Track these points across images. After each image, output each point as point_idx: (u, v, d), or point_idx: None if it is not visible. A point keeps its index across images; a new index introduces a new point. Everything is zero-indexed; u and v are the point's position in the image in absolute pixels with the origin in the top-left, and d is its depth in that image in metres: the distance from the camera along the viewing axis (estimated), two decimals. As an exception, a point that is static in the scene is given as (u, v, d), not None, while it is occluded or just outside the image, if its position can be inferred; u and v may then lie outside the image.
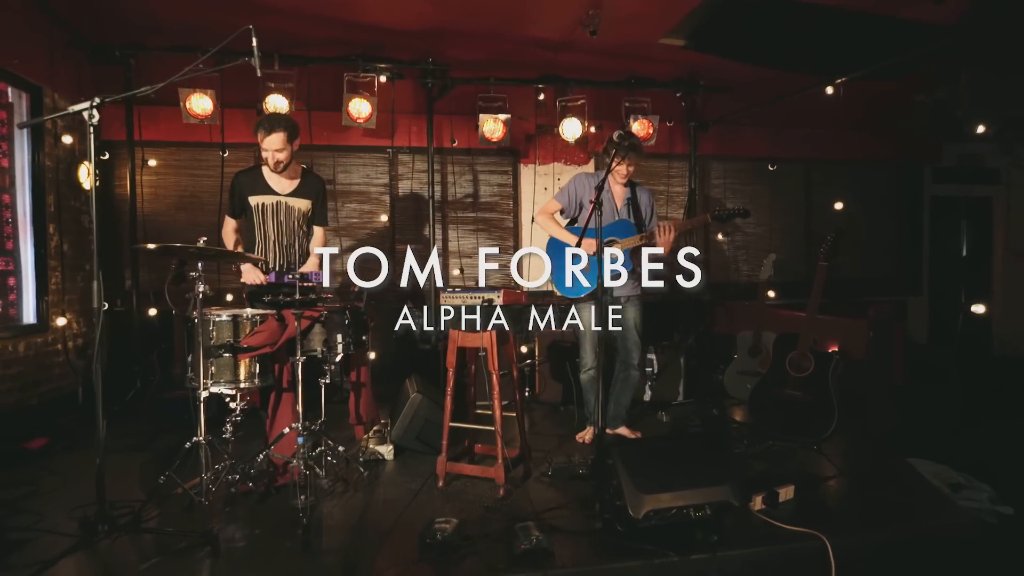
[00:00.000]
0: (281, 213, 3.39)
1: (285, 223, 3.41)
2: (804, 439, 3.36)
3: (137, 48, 4.54)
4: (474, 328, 2.81)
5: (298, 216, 3.44)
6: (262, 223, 3.37)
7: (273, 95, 4.60)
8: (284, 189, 3.39)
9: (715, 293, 5.86)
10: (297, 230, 3.46)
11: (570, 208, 3.57)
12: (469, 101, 5.08)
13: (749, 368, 4.23)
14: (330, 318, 3.00)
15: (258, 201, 3.35)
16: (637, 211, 3.51)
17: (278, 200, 3.37)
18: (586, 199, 3.49)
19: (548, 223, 3.55)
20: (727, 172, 5.87)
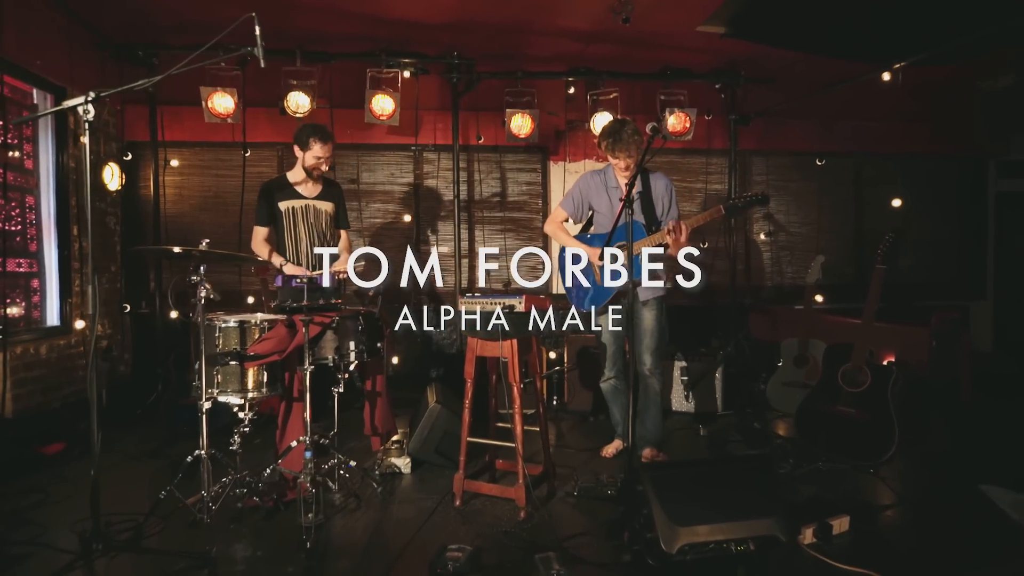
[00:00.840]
0: (311, 215, 3.41)
1: (315, 225, 3.43)
2: (859, 461, 3.04)
3: (160, 47, 4.48)
4: (494, 336, 2.60)
5: (325, 218, 3.46)
6: (293, 227, 3.38)
7: (294, 92, 4.48)
8: (311, 193, 3.43)
9: (755, 296, 5.53)
10: (325, 231, 3.48)
11: (577, 213, 3.30)
12: (496, 96, 4.88)
13: (795, 379, 3.92)
14: (342, 324, 2.84)
15: (288, 205, 3.36)
16: (649, 206, 3.16)
17: (307, 203, 3.39)
18: (595, 200, 3.25)
19: (557, 233, 3.32)
20: (770, 168, 5.53)
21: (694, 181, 5.46)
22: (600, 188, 3.21)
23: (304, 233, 3.41)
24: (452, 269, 5.03)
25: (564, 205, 3.30)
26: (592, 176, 3.26)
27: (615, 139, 3.02)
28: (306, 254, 3.41)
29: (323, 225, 3.47)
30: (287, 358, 2.79)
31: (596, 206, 3.25)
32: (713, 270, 5.33)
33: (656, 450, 3.27)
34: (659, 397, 3.25)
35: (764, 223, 5.56)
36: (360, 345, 2.88)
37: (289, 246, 3.40)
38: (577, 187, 3.27)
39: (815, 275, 4.01)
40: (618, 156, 3.05)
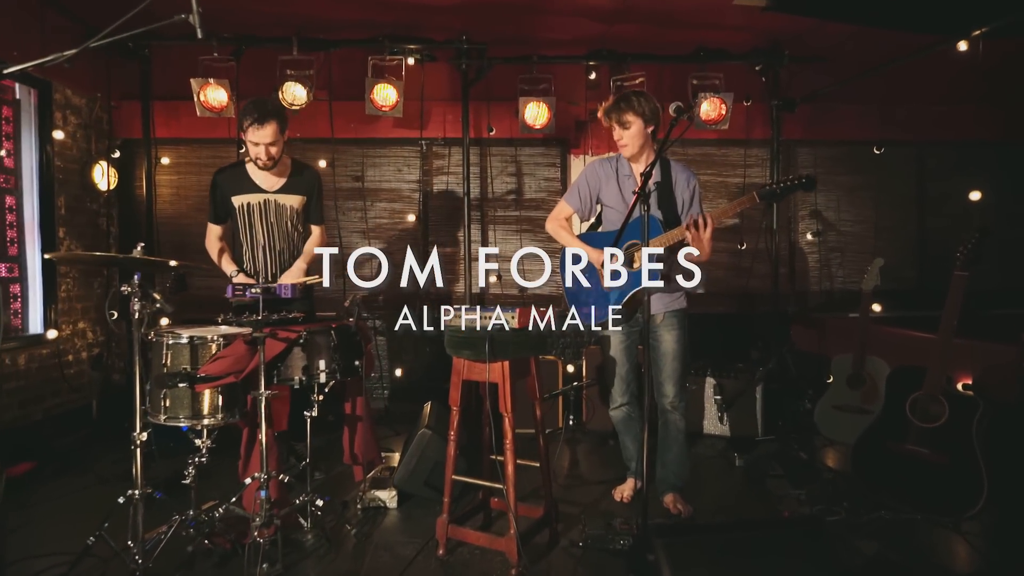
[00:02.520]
0: (271, 213, 2.94)
1: (276, 224, 2.96)
2: (935, 513, 2.49)
3: (151, 37, 4.22)
4: (482, 357, 2.18)
5: (291, 215, 2.98)
6: (248, 226, 2.93)
7: (290, 83, 4.16)
8: (272, 185, 2.94)
9: (800, 303, 4.95)
10: (291, 232, 3.00)
11: (584, 208, 2.82)
12: (509, 84, 4.46)
13: (848, 402, 3.37)
14: (311, 340, 2.46)
15: (243, 201, 2.91)
16: (669, 199, 2.66)
17: (266, 198, 2.93)
18: (605, 191, 2.76)
19: (558, 232, 2.82)
20: (818, 160, 4.93)
21: (731, 175, 4.92)
22: (610, 177, 2.73)
23: (263, 235, 2.91)
24: (463, 273, 4.62)
25: (568, 199, 2.84)
26: (601, 164, 2.78)
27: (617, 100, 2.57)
28: (265, 260, 2.94)
29: (287, 224, 2.94)
30: (250, 378, 2.43)
31: (605, 199, 2.77)
32: (752, 274, 4.78)
33: (679, 496, 2.77)
34: (683, 435, 2.76)
35: (811, 221, 4.97)
36: (333, 363, 2.50)
37: (245, 251, 2.95)
38: (583, 177, 2.80)
39: (873, 280, 3.45)
40: (626, 122, 2.56)
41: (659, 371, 2.73)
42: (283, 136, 2.81)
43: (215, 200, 2.94)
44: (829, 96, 4.61)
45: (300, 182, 2.98)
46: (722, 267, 4.86)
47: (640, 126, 2.59)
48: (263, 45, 4.25)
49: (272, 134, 2.73)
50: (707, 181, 4.90)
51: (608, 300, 2.66)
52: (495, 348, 2.16)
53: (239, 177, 2.90)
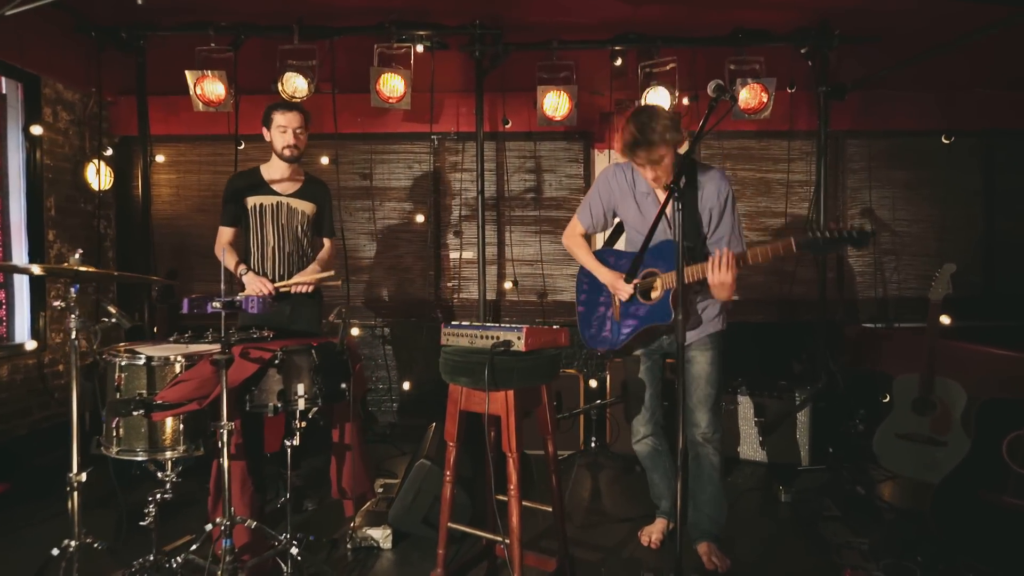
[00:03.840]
0: (282, 215, 2.85)
1: (287, 227, 2.85)
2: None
3: (145, 28, 3.97)
4: (481, 385, 1.82)
5: (301, 220, 2.88)
6: (259, 227, 2.83)
7: (291, 74, 3.86)
8: (286, 189, 2.87)
9: (849, 312, 4.47)
10: (300, 236, 2.88)
11: (597, 225, 2.44)
12: (527, 73, 4.09)
13: (915, 430, 2.92)
14: (289, 361, 2.13)
15: (256, 202, 2.84)
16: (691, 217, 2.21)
17: (278, 200, 2.84)
18: (621, 207, 2.37)
19: (574, 250, 2.48)
20: (872, 153, 4.45)
21: (771, 170, 4.47)
22: (626, 193, 2.33)
23: (272, 235, 2.83)
24: (477, 278, 4.27)
25: (580, 216, 2.45)
26: (616, 173, 2.36)
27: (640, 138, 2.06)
28: (273, 261, 2.83)
29: (298, 228, 2.87)
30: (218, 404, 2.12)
31: (623, 215, 2.39)
32: (795, 279, 4.33)
33: (715, 547, 2.36)
34: (718, 473, 2.36)
35: (863, 221, 4.49)
36: (314, 387, 2.17)
37: (253, 251, 2.84)
38: (595, 191, 2.40)
39: (943, 289, 2.99)
40: (640, 161, 2.12)
41: (688, 396, 2.34)
42: (307, 131, 2.85)
43: (229, 202, 2.84)
44: (883, 81, 4.13)
45: (312, 191, 2.94)
46: (761, 271, 4.41)
47: (672, 154, 2.14)
48: (263, 34, 3.96)
49: (299, 120, 2.78)
50: (744, 178, 4.47)
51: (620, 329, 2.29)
52: (497, 375, 1.79)
53: (253, 180, 2.86)
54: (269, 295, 2.69)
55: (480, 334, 1.94)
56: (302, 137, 2.79)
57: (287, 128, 2.75)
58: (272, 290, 2.70)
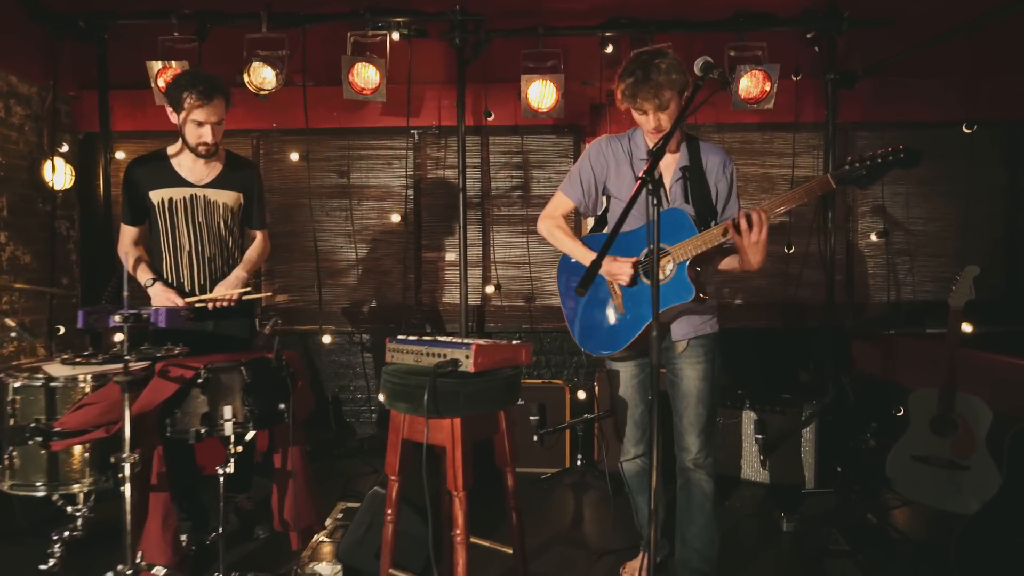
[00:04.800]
0: (199, 211, 2.42)
1: (206, 225, 2.43)
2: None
3: (105, 16, 3.74)
4: (421, 411, 1.55)
5: (224, 214, 2.46)
6: (170, 227, 2.40)
7: (258, 64, 3.61)
8: (201, 178, 2.43)
9: (859, 317, 4.16)
10: (224, 234, 2.46)
11: (588, 200, 2.14)
12: (512, 63, 3.83)
13: (934, 452, 2.62)
14: (215, 380, 1.88)
15: (163, 196, 2.39)
16: (701, 187, 2.00)
17: (193, 193, 2.41)
18: (614, 180, 2.08)
19: (554, 234, 2.15)
20: (885, 146, 4.09)
21: (776, 165, 4.17)
22: (622, 161, 2.06)
23: (188, 236, 2.39)
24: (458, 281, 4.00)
25: (566, 189, 2.15)
26: (610, 143, 2.09)
27: (642, 76, 1.82)
28: (191, 268, 2.41)
29: (220, 225, 2.44)
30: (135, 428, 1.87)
31: (615, 189, 2.10)
32: (801, 282, 4.02)
33: (709, 587, 2.08)
34: (711, 503, 2.08)
35: (874, 219, 4.17)
36: (246, 408, 1.91)
37: (166, 257, 2.41)
38: (586, 159, 2.12)
39: (964, 294, 2.68)
40: (644, 105, 1.86)
41: (679, 417, 2.07)
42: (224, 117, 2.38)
43: (129, 196, 2.41)
44: (897, 68, 3.81)
45: (236, 177, 2.49)
46: (765, 274, 4.11)
47: (678, 100, 1.89)
48: (229, 22, 3.72)
49: (220, 111, 2.32)
50: (747, 172, 4.17)
51: (623, 324, 2.01)
52: (440, 400, 1.53)
53: (159, 168, 2.40)
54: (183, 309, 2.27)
55: (427, 351, 1.67)
56: (220, 131, 2.34)
57: (205, 123, 2.27)
58: (183, 308, 2.25)
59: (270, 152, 4.24)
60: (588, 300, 2.11)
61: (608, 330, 2.05)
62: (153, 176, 2.38)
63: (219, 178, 2.43)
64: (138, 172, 2.40)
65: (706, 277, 2.01)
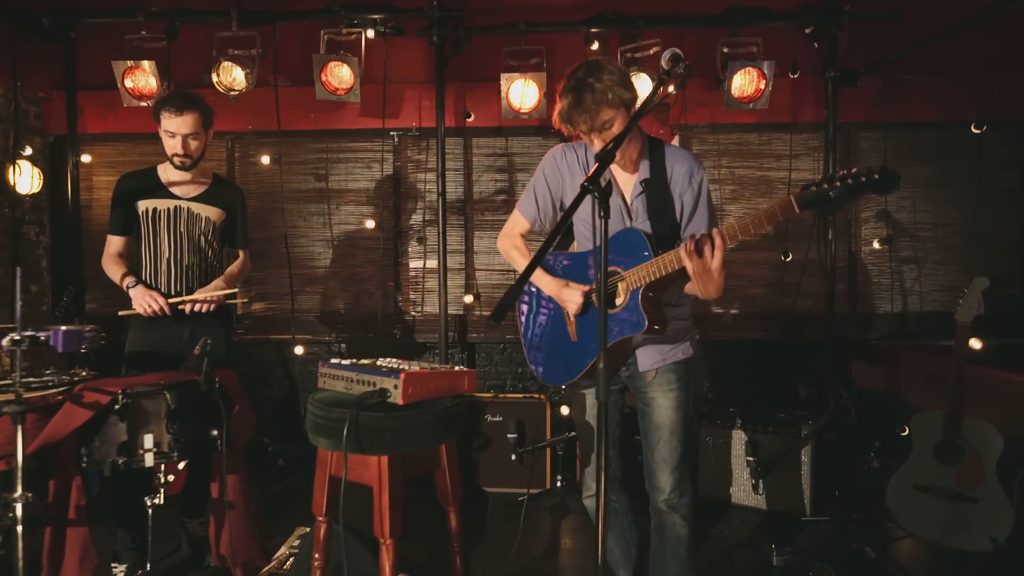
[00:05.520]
0: (181, 222, 2.44)
1: (186, 235, 2.45)
2: None
3: (71, 15, 3.61)
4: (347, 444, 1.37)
5: (205, 227, 2.48)
6: (152, 234, 2.44)
7: (227, 63, 3.46)
8: (187, 192, 2.48)
9: (863, 328, 3.94)
10: (204, 246, 2.48)
11: (543, 218, 1.93)
12: (494, 61, 3.65)
13: (938, 482, 2.40)
14: (135, 406, 1.71)
15: (148, 206, 2.44)
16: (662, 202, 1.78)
17: (177, 204, 2.45)
18: (571, 189, 1.88)
19: (511, 254, 1.98)
20: (889, 148, 3.90)
21: (773, 168, 3.96)
22: (577, 174, 1.87)
23: (168, 245, 2.43)
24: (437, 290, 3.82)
25: (522, 207, 1.97)
26: (564, 153, 1.89)
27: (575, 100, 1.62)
28: (169, 275, 2.43)
29: (200, 237, 2.48)
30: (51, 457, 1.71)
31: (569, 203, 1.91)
32: (800, 291, 3.81)
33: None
34: (685, 547, 1.87)
35: (878, 225, 3.95)
36: (171, 436, 1.74)
37: (146, 263, 2.45)
38: (541, 173, 1.92)
39: (972, 309, 2.47)
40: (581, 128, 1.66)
41: (650, 451, 1.87)
42: (206, 134, 2.44)
43: (118, 206, 2.46)
44: (902, 65, 3.60)
45: (220, 195, 2.54)
46: (761, 283, 3.90)
47: (624, 116, 1.67)
48: (198, 20, 3.57)
49: (192, 124, 2.35)
50: (743, 176, 3.96)
51: (576, 353, 1.83)
52: (363, 436, 1.35)
53: (148, 181, 2.46)
54: (158, 312, 2.30)
55: (357, 377, 1.49)
56: (194, 145, 2.37)
57: (176, 134, 2.33)
58: (164, 307, 2.31)
59: (246, 155, 4.09)
60: (544, 326, 1.95)
61: (564, 359, 1.87)
62: (142, 188, 2.43)
63: (205, 194, 2.48)
64: (129, 184, 2.44)
65: (673, 301, 1.81)
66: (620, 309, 1.73)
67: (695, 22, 3.57)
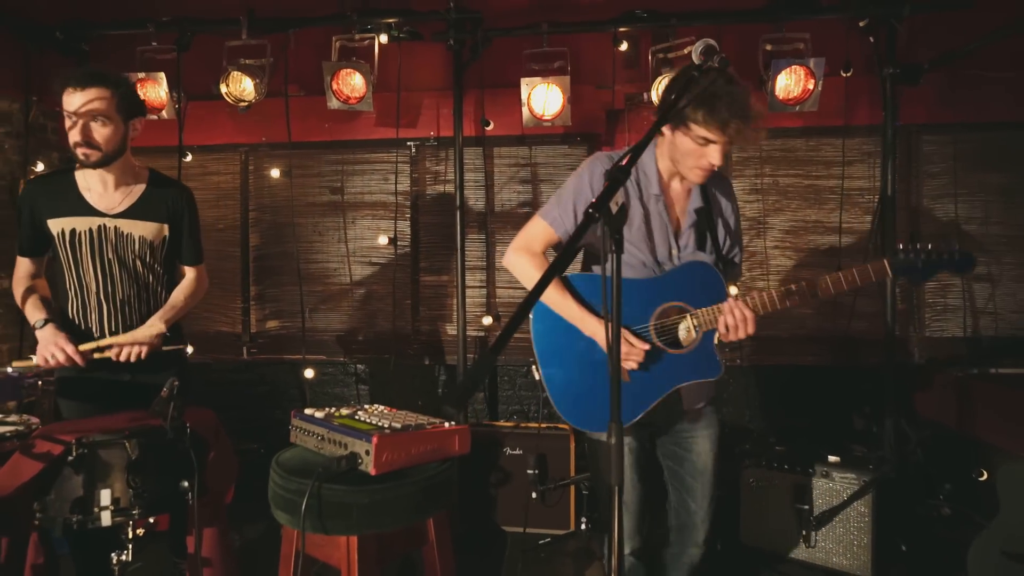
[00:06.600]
0: (107, 246, 1.98)
1: (117, 261, 1.99)
2: None
3: (82, 28, 3.54)
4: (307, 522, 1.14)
5: (140, 250, 2.02)
6: (74, 263, 1.97)
7: (236, 72, 3.32)
8: (112, 205, 1.99)
9: (927, 352, 3.53)
10: (142, 272, 2.04)
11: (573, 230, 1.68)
12: (513, 66, 3.42)
13: (1028, 544, 2.02)
14: (91, 457, 1.51)
15: (63, 226, 1.96)
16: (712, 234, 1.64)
17: (101, 223, 1.97)
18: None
19: (528, 272, 1.70)
20: (958, 152, 3.49)
21: (823, 176, 3.60)
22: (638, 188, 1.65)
23: (95, 275, 1.97)
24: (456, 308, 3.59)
25: (553, 218, 1.68)
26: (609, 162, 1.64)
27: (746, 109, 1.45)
28: (100, 312, 1.99)
29: (134, 262, 2.01)
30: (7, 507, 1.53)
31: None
32: (855, 312, 3.43)
33: None
34: None
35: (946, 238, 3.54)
36: (132, 490, 1.54)
37: (72, 300, 2.01)
38: (586, 184, 1.63)
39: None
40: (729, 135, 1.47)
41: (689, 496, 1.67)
42: (124, 124, 1.91)
43: (22, 221, 1.99)
44: (973, 59, 3.21)
45: (158, 204, 2.04)
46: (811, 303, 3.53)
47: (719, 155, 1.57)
48: (209, 30, 3.45)
49: (98, 103, 1.82)
50: (788, 185, 3.61)
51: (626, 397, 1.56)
52: (327, 514, 1.11)
53: (61, 191, 1.96)
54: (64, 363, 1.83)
55: (329, 436, 1.26)
56: (102, 132, 1.85)
57: (75, 116, 1.82)
58: (74, 356, 1.84)
59: (260, 168, 3.95)
60: (579, 363, 1.67)
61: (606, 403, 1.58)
62: (53, 201, 1.95)
63: (137, 205, 2.00)
64: (35, 194, 1.97)
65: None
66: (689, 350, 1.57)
67: (734, 17, 3.26)
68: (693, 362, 1.59)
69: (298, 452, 1.32)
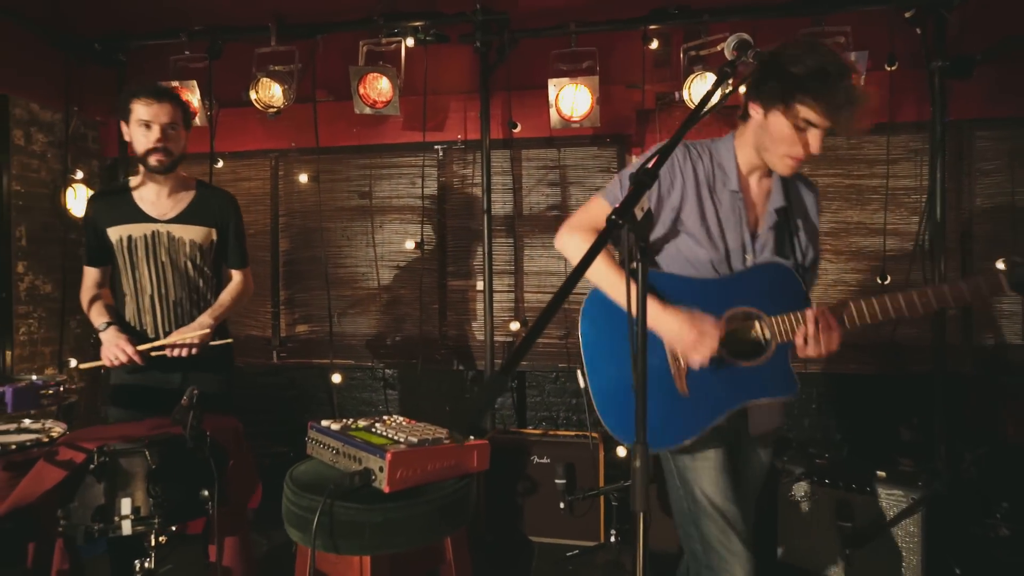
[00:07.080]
0: (161, 250, 2.14)
1: (170, 264, 2.14)
2: None
3: (118, 39, 3.62)
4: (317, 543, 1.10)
5: (191, 253, 2.17)
6: (131, 267, 2.14)
7: (265, 79, 3.35)
8: (165, 212, 2.16)
9: (983, 363, 3.33)
10: (193, 275, 2.17)
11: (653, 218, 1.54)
12: (540, 67, 3.37)
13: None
14: (113, 465, 1.51)
15: (122, 233, 2.12)
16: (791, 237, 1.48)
17: (155, 229, 2.13)
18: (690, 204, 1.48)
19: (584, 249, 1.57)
20: (1015, 148, 3.29)
21: (866, 175, 3.43)
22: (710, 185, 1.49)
23: (150, 278, 2.12)
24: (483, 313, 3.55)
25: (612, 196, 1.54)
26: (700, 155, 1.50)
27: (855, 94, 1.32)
28: (154, 314, 2.14)
29: (187, 265, 2.16)
30: (30, 516, 1.55)
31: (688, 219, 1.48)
32: (902, 319, 3.24)
33: None
34: None
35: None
36: (152, 499, 1.53)
37: (128, 302, 2.15)
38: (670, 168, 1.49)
39: None
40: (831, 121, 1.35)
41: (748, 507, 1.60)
42: (185, 133, 2.14)
43: (88, 235, 2.18)
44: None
45: (206, 210, 2.20)
46: (853, 307, 3.37)
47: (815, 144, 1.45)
48: (239, 37, 3.49)
49: (172, 114, 2.05)
50: (829, 185, 3.46)
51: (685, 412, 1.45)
52: (338, 533, 1.07)
53: (119, 203, 2.14)
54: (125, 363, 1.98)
55: (344, 450, 1.22)
56: (176, 137, 2.06)
57: (153, 124, 2.01)
58: (134, 356, 1.98)
59: (289, 173, 3.98)
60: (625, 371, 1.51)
61: (661, 417, 1.43)
62: (111, 211, 2.13)
63: (187, 211, 2.15)
64: (96, 207, 2.16)
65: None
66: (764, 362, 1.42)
67: (770, 11, 3.13)
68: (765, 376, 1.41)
69: (313, 466, 1.29)
